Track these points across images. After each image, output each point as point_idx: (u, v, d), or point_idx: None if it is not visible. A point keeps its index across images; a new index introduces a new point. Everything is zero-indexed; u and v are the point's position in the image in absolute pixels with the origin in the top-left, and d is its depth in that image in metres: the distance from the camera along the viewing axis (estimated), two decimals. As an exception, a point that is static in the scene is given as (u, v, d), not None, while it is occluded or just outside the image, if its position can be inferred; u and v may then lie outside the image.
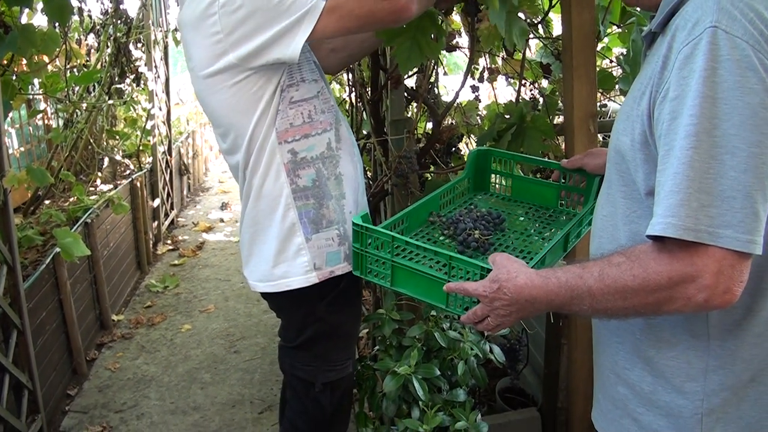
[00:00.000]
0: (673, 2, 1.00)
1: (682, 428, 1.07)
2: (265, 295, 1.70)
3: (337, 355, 1.74)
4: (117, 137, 5.41)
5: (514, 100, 2.38)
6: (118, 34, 4.82)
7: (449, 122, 2.84)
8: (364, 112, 2.95)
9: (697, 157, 0.88)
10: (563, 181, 1.69)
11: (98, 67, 4.89)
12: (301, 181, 1.56)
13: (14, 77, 3.40)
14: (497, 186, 1.82)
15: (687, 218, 0.88)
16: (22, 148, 4.54)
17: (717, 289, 0.89)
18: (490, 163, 1.80)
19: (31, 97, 4.43)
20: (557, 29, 2.51)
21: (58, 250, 3.04)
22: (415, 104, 2.66)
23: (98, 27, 4.88)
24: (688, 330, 1.04)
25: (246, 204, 1.63)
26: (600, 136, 2.28)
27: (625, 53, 2.42)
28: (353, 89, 3.01)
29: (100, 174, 5.17)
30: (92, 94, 5.02)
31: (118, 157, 5.38)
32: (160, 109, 5.39)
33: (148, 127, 5.26)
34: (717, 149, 0.87)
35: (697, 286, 0.90)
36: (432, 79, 2.61)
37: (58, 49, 3.29)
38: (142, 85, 5.36)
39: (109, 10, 4.75)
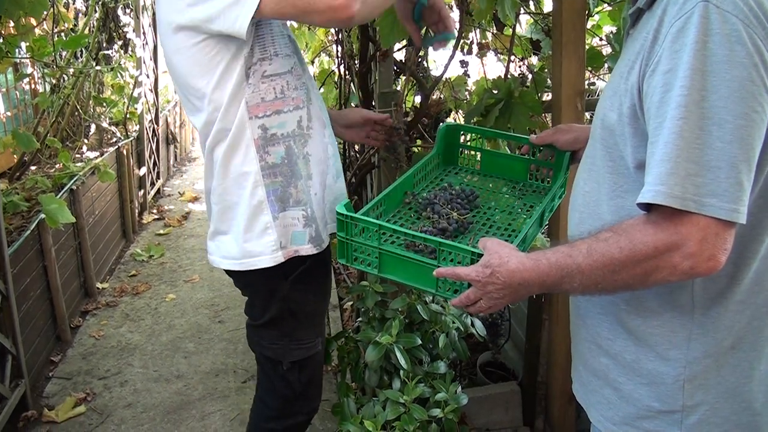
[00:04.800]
0: None
1: (663, 395, 1.10)
2: (230, 273, 1.68)
3: (304, 333, 1.72)
4: (104, 104, 5.36)
5: (502, 76, 2.38)
6: (106, -1, 4.75)
7: (437, 96, 2.83)
8: (352, 84, 2.94)
9: (686, 128, 0.90)
10: (534, 155, 1.69)
11: (86, 32, 4.82)
12: (270, 158, 1.53)
13: (1, 40, 3.35)
14: (467, 161, 1.82)
15: (675, 186, 0.90)
16: (9, 113, 4.49)
17: (701, 256, 0.91)
18: (459, 138, 1.80)
19: (17, 60, 4.37)
20: (548, 5, 2.50)
21: (43, 216, 3.03)
22: (403, 77, 2.65)
23: (86, -9, 4.80)
24: (673, 299, 1.07)
25: (211, 177, 1.60)
26: (587, 114, 2.29)
27: (615, 31, 2.42)
28: (342, 61, 2.99)
29: (86, 141, 5.13)
30: (79, 60, 4.96)
31: (104, 125, 5.34)
32: (148, 76, 5.34)
33: (135, 94, 5.21)
34: (705, 120, 0.90)
35: (682, 254, 0.92)
36: (421, 53, 2.60)
37: (45, 13, 3.24)
38: (130, 52, 5.30)
39: (97, -26, 4.67)
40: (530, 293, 1.11)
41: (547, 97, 2.59)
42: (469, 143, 1.81)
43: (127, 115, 5.32)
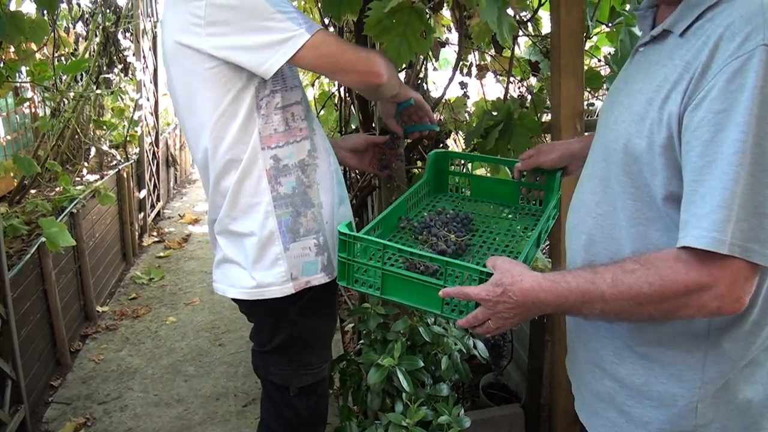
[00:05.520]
0: (703, 6, 1.01)
1: (675, 417, 1.10)
2: (236, 300, 1.67)
3: (312, 358, 1.71)
4: (104, 127, 5.39)
5: (502, 97, 2.40)
6: (107, 23, 4.81)
7: (437, 118, 2.85)
8: (352, 106, 2.96)
9: (743, 174, 0.90)
10: (523, 178, 1.71)
11: (86, 56, 4.87)
12: (281, 188, 1.53)
13: (2, 65, 3.38)
14: (456, 187, 1.85)
15: (728, 233, 0.91)
16: (9, 137, 4.51)
17: (730, 298, 0.93)
18: (448, 165, 1.82)
19: (18, 85, 4.40)
20: (546, 27, 2.53)
21: (43, 239, 3.04)
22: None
23: (87, 15, 4.86)
24: (688, 323, 1.07)
25: (218, 208, 1.58)
26: (587, 135, 2.30)
27: (613, 52, 2.44)
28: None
29: (86, 164, 5.16)
30: (80, 83, 5.00)
31: (104, 147, 5.36)
32: (148, 99, 5.37)
33: (136, 117, 5.24)
34: (757, 166, 0.91)
35: (711, 295, 0.93)
36: (421, 75, 2.62)
37: (46, 37, 3.28)
38: (130, 75, 5.34)
39: (98, -1, 4.73)
40: (541, 314, 1.10)
41: (546, 117, 2.61)
42: (455, 169, 1.84)
43: (128, 138, 5.35)
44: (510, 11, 1.92)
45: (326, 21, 2.53)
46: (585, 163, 1.25)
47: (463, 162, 1.88)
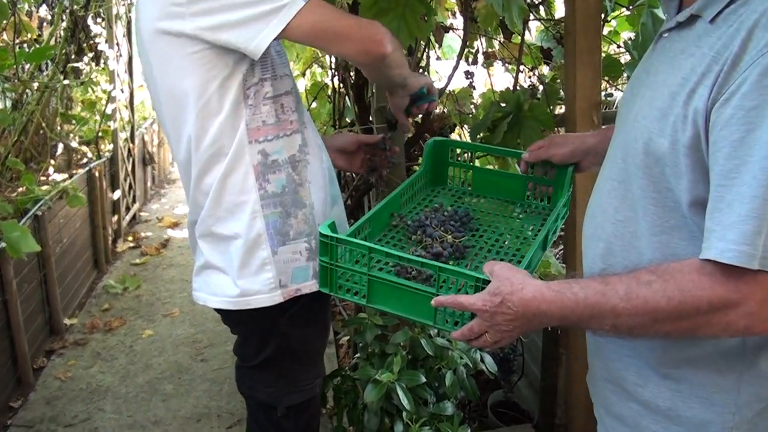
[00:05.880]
0: None
1: None
2: (219, 310, 1.67)
3: (303, 374, 1.71)
4: (73, 121, 5.38)
5: (511, 88, 2.41)
6: (75, 7, 4.80)
7: (440, 111, 2.86)
8: (347, 98, 2.97)
9: None
10: (531, 171, 1.69)
11: (52, 43, 4.86)
12: (270, 186, 1.53)
13: (-42, 52, 3.39)
14: (458, 180, 1.83)
15: (760, 247, 0.89)
16: (-34, 132, 4.51)
17: (761, 316, 0.92)
18: (448, 155, 1.81)
19: (-24, 74, 4.40)
20: (560, 11, 2.54)
21: (3, 245, 3.03)
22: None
23: (52, -2, 4.86)
24: (720, 342, 1.05)
25: (199, 207, 1.58)
26: (604, 128, 2.31)
27: (633, 38, 2.45)
28: (336, 73, 3.03)
29: (53, 162, 5.14)
30: (45, 73, 4.99)
31: (73, 144, 5.35)
32: (122, 91, 5.37)
33: (109, 111, 5.23)
34: None
35: (739, 313, 0.92)
36: (422, 63, 2.63)
37: (6, 22, 3.27)
38: (102, 65, 5.34)
39: (66, -20, 4.73)
40: (543, 326, 1.09)
41: (560, 110, 2.62)
42: (458, 159, 1.82)
43: (100, 134, 5.34)
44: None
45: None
46: (603, 162, 1.24)
47: (466, 153, 1.86)
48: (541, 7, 2.45)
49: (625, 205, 1.13)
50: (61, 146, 5.30)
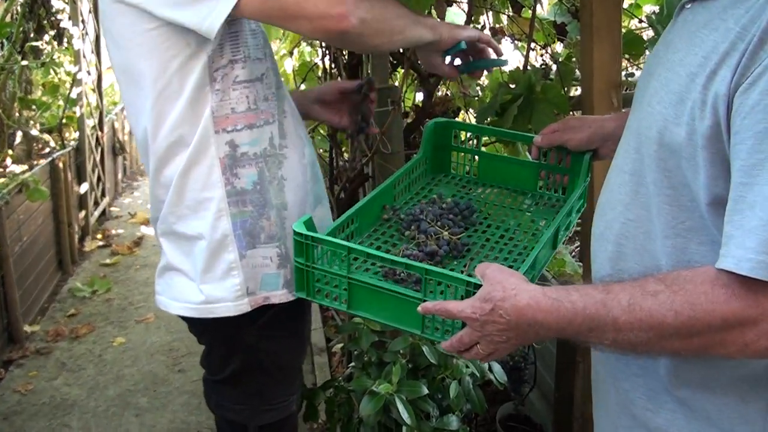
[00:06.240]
0: None
1: None
2: (183, 317, 1.66)
3: (276, 391, 1.70)
4: (33, 107, 5.37)
5: (521, 67, 2.40)
6: (35, -21, 4.77)
7: (443, 93, 2.85)
8: (339, 79, 2.95)
9: None
10: (545, 159, 1.66)
11: (8, 20, 4.84)
12: (238, 182, 1.50)
13: None
14: (461, 167, 1.80)
15: None
16: None
17: None
18: (451, 139, 1.78)
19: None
20: (575, -19, 2.53)
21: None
22: (401, 70, 2.67)
23: (10, -30, 4.83)
24: (745, 363, 1.02)
25: (160, 202, 1.56)
26: (625, 111, 2.31)
27: (657, 11, 2.44)
28: (327, 51, 3.01)
29: (11, 152, 5.13)
30: (0, 53, 4.97)
31: (34, 132, 5.34)
32: (89, 73, 5.35)
33: (74, 95, 5.22)
34: None
35: (759, 332, 0.88)
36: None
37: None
38: (66, 44, 5.31)
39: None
40: (540, 338, 1.07)
41: (575, 91, 2.61)
42: (463, 144, 1.79)
43: (64, 121, 5.32)
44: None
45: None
46: (616, 150, 1.21)
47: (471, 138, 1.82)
48: (554, -22, 2.45)
49: (637, 202, 1.10)
50: (20, 134, 5.29)
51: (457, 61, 1.66)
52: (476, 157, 1.79)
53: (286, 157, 1.57)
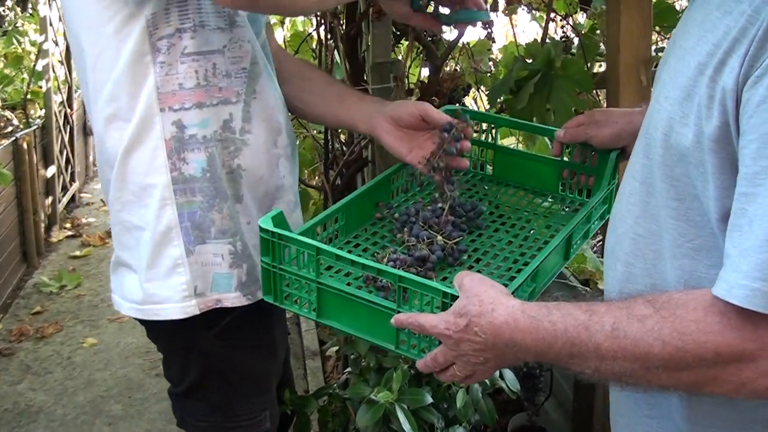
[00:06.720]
0: None
1: None
2: (138, 318, 1.62)
3: (244, 405, 1.67)
4: (-6, 81, 5.37)
5: (539, 40, 2.41)
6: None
7: (452, 68, 2.86)
8: (336, 52, 2.96)
9: None
10: (568, 156, 1.63)
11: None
12: (186, 168, 1.46)
13: None
14: (473, 160, 1.76)
15: None
16: None
17: None
18: None
19: None
20: (600, -56, 2.53)
21: None
22: (406, 42, 2.67)
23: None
24: (765, 405, 0.98)
25: (107, 183, 1.54)
26: (654, 91, 2.32)
27: (690, -21, 2.45)
28: (323, 21, 3.02)
29: (-31, 131, 5.14)
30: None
31: (-5, 108, 5.34)
32: (56, 43, 5.35)
33: (39, 67, 5.22)
34: None
35: (757, 369, 0.84)
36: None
37: None
38: (30, 10, 5.31)
39: None
40: (521, 361, 1.05)
41: (599, 68, 2.62)
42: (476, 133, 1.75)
43: (28, 96, 5.32)
44: None
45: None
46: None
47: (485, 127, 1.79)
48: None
49: (647, 215, 1.05)
50: (-21, 111, 5.29)
51: (445, 11, 1.61)
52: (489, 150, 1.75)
53: (246, 144, 1.52)
